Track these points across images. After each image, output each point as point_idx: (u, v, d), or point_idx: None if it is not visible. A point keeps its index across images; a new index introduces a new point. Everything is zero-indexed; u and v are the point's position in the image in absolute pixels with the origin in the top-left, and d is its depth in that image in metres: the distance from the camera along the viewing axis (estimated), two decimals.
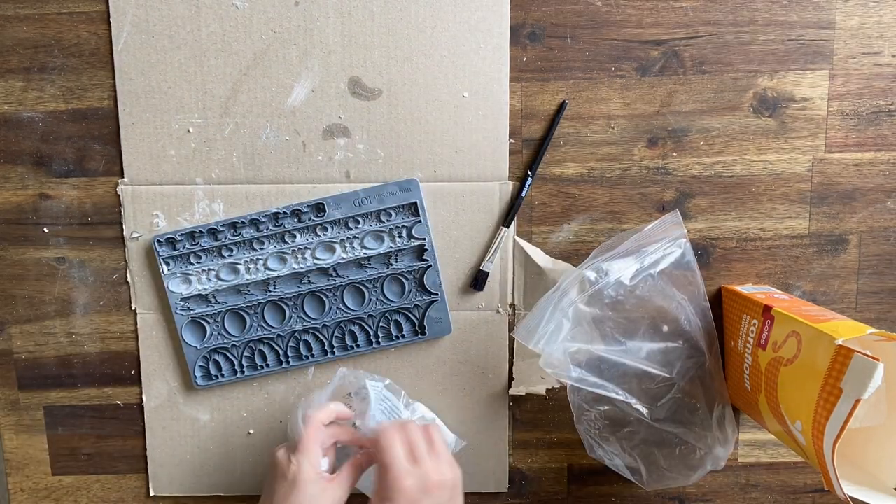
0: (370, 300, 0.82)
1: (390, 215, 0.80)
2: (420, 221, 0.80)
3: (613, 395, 0.75)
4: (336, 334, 0.83)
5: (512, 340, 0.84)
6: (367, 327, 0.83)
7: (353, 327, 0.83)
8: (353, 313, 0.82)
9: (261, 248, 0.81)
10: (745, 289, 0.81)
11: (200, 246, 0.81)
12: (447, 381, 0.85)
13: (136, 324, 0.84)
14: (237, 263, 0.81)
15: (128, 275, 0.83)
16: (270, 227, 0.80)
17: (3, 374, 0.86)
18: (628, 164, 0.82)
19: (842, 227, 0.83)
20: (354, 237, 0.80)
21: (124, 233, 0.82)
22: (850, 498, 0.62)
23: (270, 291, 0.82)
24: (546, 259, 0.82)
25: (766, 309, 0.73)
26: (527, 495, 0.88)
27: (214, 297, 0.82)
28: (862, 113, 0.81)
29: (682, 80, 0.81)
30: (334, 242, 0.81)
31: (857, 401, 0.58)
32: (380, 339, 0.83)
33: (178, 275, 0.81)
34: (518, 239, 0.83)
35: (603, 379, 0.75)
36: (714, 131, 0.81)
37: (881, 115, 0.81)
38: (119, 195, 0.82)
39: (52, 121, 0.81)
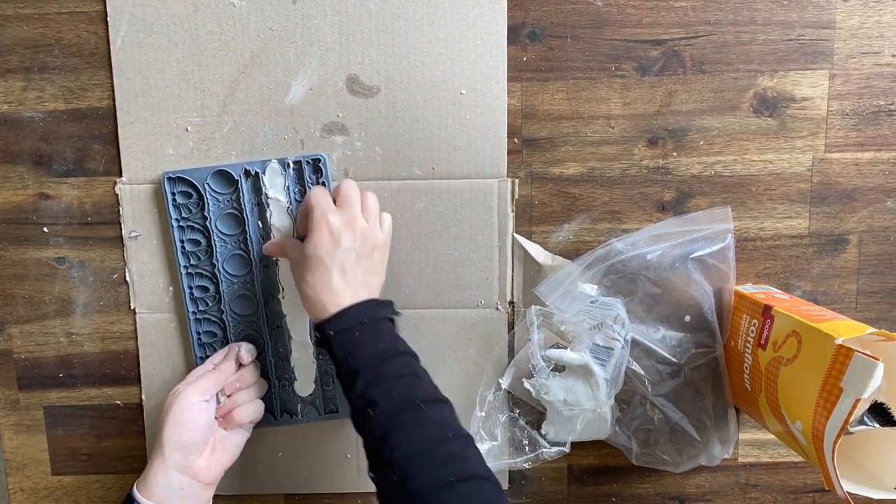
0: None
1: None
2: None
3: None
4: None
5: (512, 337, 0.84)
6: None
7: None
8: None
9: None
10: (745, 288, 0.81)
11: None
12: (446, 378, 0.85)
13: (135, 323, 0.84)
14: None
15: (126, 274, 0.83)
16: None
17: (3, 374, 0.86)
18: (628, 164, 0.82)
19: (842, 227, 0.83)
20: None
21: (123, 232, 0.82)
22: (850, 495, 0.62)
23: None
24: (545, 255, 0.82)
25: (766, 309, 0.73)
26: (527, 495, 0.88)
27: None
28: (862, 113, 0.81)
29: (682, 79, 0.81)
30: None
31: (858, 400, 0.58)
32: None
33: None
34: (517, 236, 0.83)
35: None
36: (714, 131, 0.81)
37: (881, 115, 0.81)
38: (117, 194, 0.82)
39: (52, 121, 0.81)
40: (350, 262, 0.71)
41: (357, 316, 0.68)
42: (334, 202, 0.73)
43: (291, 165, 0.79)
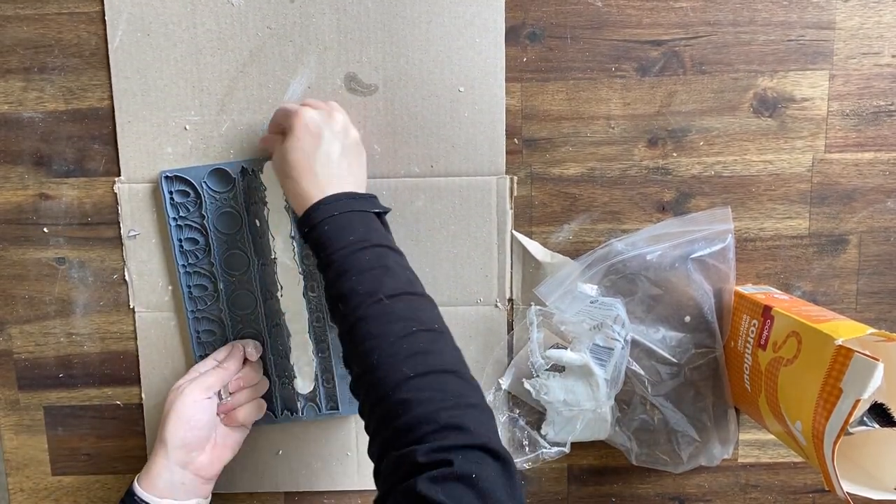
0: None
1: None
2: None
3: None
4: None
5: (512, 337, 0.84)
6: None
7: None
8: None
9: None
10: (745, 289, 0.81)
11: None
12: None
13: (134, 323, 0.84)
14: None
15: (126, 273, 0.83)
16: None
17: (3, 374, 0.86)
18: (628, 164, 0.82)
19: (842, 227, 0.83)
20: None
21: (122, 231, 0.82)
22: (850, 495, 0.61)
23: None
24: (544, 252, 0.82)
25: (766, 309, 0.73)
26: (527, 495, 0.88)
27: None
28: (862, 113, 0.81)
29: (682, 80, 0.81)
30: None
31: (858, 400, 0.58)
32: None
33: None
34: (515, 233, 0.82)
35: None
36: (714, 131, 0.81)
37: (881, 115, 0.81)
38: (116, 193, 0.82)
39: (52, 121, 0.81)
40: (334, 155, 0.70)
41: (328, 209, 0.67)
42: None
43: None
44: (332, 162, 0.70)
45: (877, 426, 0.65)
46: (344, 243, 0.66)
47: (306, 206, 0.68)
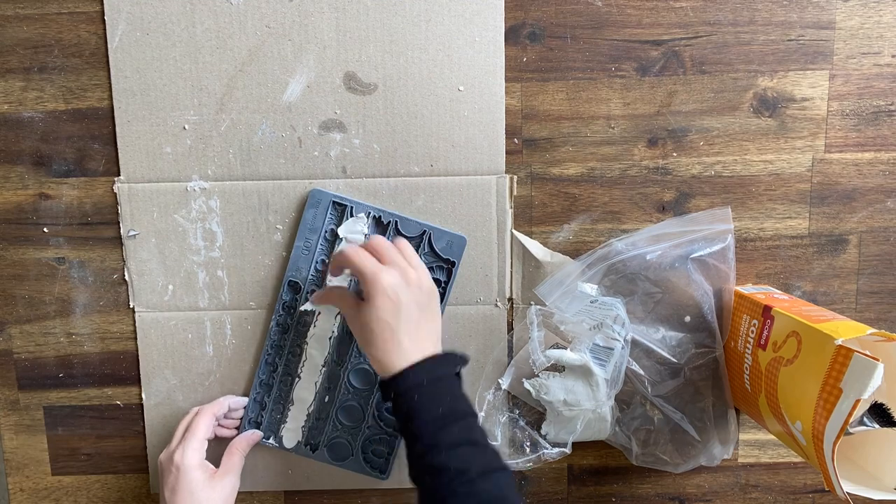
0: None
1: None
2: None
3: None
4: None
5: (512, 337, 0.84)
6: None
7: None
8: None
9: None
10: (745, 289, 0.81)
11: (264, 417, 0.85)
12: None
13: (134, 323, 0.84)
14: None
15: (125, 273, 0.83)
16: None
17: (3, 374, 0.86)
18: (628, 164, 0.82)
19: (842, 227, 0.83)
20: None
21: (121, 231, 0.82)
22: (850, 495, 0.61)
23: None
24: (544, 251, 0.82)
25: (766, 309, 0.73)
26: (527, 495, 0.88)
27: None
28: (862, 113, 0.81)
29: (682, 80, 0.81)
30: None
31: (858, 401, 0.58)
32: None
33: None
34: (516, 232, 0.82)
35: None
36: (714, 131, 0.81)
37: (881, 115, 0.81)
38: (116, 193, 0.82)
39: (52, 121, 0.81)
40: (414, 319, 0.70)
41: (418, 376, 0.68)
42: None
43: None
44: (413, 328, 0.70)
45: (877, 426, 0.65)
46: (433, 415, 0.66)
47: (391, 372, 0.69)
